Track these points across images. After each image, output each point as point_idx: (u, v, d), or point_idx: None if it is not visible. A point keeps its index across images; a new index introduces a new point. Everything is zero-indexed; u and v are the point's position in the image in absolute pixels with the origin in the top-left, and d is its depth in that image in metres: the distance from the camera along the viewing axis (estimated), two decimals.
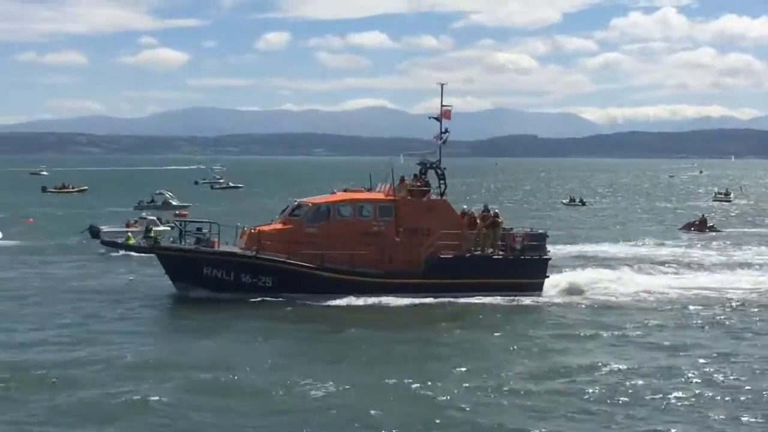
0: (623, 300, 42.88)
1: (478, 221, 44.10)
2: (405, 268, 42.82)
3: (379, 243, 42.86)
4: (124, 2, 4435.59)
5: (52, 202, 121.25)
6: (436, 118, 46.28)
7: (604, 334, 35.14)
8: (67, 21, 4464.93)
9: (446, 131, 46.18)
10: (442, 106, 46.14)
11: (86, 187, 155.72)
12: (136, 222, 69.06)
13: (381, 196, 44.60)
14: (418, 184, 44.91)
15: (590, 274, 47.87)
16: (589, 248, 65.24)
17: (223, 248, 43.42)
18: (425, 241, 42.90)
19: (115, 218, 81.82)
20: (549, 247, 46.32)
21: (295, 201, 45.82)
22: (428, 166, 45.55)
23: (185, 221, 46.71)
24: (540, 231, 46.09)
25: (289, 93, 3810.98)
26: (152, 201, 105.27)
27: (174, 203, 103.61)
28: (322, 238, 42.26)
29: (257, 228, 43.94)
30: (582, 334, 35.24)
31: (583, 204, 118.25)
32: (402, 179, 44.83)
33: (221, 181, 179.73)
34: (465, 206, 46.56)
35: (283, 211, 45.46)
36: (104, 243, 57.96)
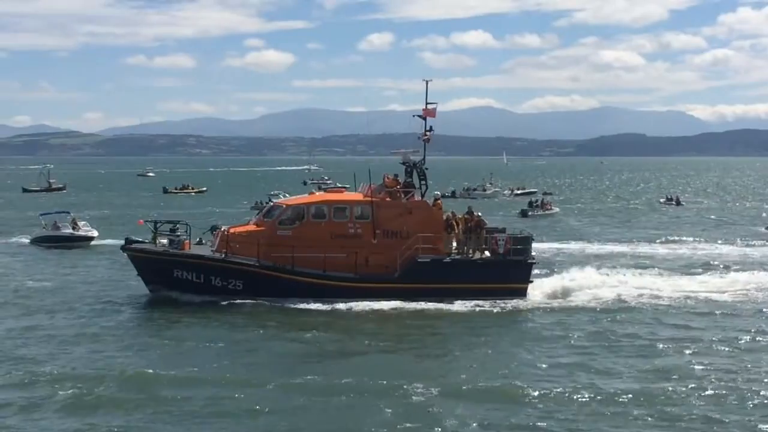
0: (606, 305, 40.40)
1: (454, 223, 42.15)
2: (380, 272, 40.84)
3: (354, 246, 40.87)
4: (231, 5, 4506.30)
5: (172, 203, 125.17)
6: (421, 116, 44.56)
7: (573, 340, 33.56)
8: (175, 25, 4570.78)
9: (430, 129, 44.39)
10: (426, 103, 44.34)
11: (205, 188, 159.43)
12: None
13: (358, 197, 42.92)
14: (398, 184, 42.98)
15: (580, 277, 45.13)
16: (625, 248, 63.58)
17: (194, 250, 42.15)
18: (404, 244, 41.09)
19: (235, 219, 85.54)
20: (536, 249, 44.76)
21: (272, 202, 42.12)
22: (410, 165, 43.61)
23: (158, 221, 45.40)
24: (525, 233, 43.29)
25: (394, 93, 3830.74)
26: (269, 201, 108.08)
27: None
28: (294, 241, 40.58)
29: (229, 229, 42.50)
30: (551, 340, 33.73)
31: (679, 204, 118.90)
32: (385, 178, 43.25)
33: (329, 181, 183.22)
34: (452, 211, 44.19)
35: (260, 211, 44.05)
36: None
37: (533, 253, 42.62)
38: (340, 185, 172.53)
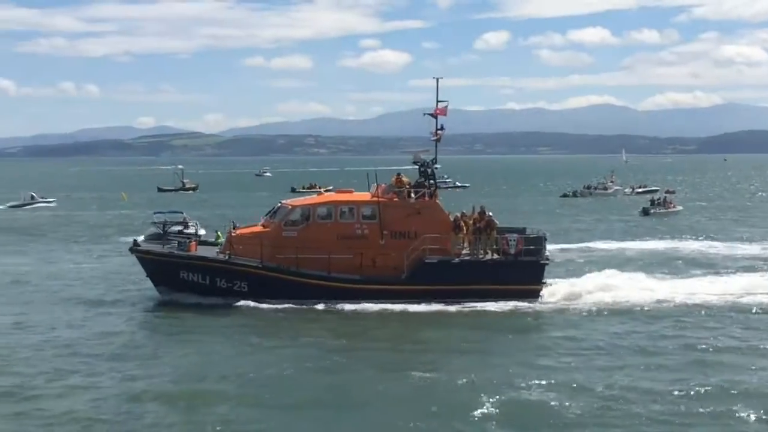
0: (620, 306, 39.29)
1: (462, 224, 41.17)
2: (387, 273, 40.16)
3: (361, 247, 40.34)
4: (347, 6, 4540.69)
5: None
6: (432, 115, 43.74)
7: (583, 345, 32.31)
8: (293, 26, 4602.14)
9: (441, 128, 43.52)
10: (437, 101, 43.44)
11: (331, 187, 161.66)
12: None
13: (365, 197, 42.10)
14: (407, 184, 42.25)
15: (601, 279, 43.61)
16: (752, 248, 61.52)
17: (200, 252, 42.06)
18: (412, 244, 40.37)
19: None
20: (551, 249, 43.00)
21: (279, 203, 43.66)
22: (421, 164, 43.01)
23: (167, 222, 43.25)
24: (538, 233, 42.04)
25: (511, 92, 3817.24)
26: None
27: None
28: (300, 242, 40.09)
29: (235, 231, 42.26)
30: (564, 344, 32.64)
31: None
32: (397, 177, 42.48)
33: (447, 180, 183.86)
34: (462, 211, 42.81)
35: (268, 212, 43.68)
36: None
37: (547, 254, 41.33)
38: (459, 184, 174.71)
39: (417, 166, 43.03)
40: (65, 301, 41.62)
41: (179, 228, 62.49)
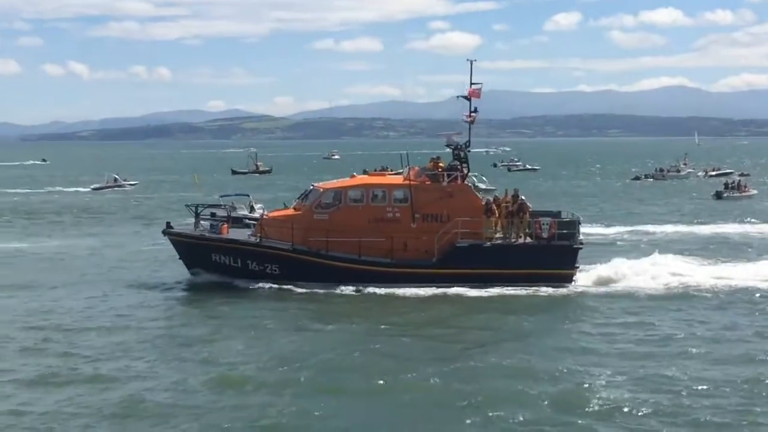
0: (655, 292, 38.90)
1: (494, 207, 41.04)
2: (418, 257, 40.29)
3: (392, 230, 40.31)
4: None
5: None
6: (466, 97, 43.18)
7: (625, 330, 32.20)
8: (362, 9, 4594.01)
9: (475, 110, 43.16)
10: (471, 83, 42.80)
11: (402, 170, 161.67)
12: None
13: (397, 180, 42.16)
14: (440, 167, 42.13)
15: (636, 264, 43.04)
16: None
17: (232, 234, 42.34)
18: (443, 228, 40.28)
19: None
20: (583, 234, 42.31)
21: (312, 185, 43.57)
22: (454, 147, 42.89)
23: (199, 205, 44.84)
24: (572, 217, 41.88)
25: (582, 74, 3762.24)
26: (472, 184, 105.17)
27: (482, 186, 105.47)
28: (331, 225, 40.25)
29: (267, 214, 43.09)
30: (599, 329, 32.53)
31: None
32: (434, 161, 42.67)
33: (518, 163, 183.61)
34: (495, 195, 41.81)
35: (300, 195, 43.88)
36: None
37: (581, 238, 41.14)
38: (530, 166, 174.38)
39: (450, 149, 42.98)
40: (117, 282, 42.97)
41: (245, 212, 63.07)
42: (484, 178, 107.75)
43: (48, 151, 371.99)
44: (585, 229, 53.76)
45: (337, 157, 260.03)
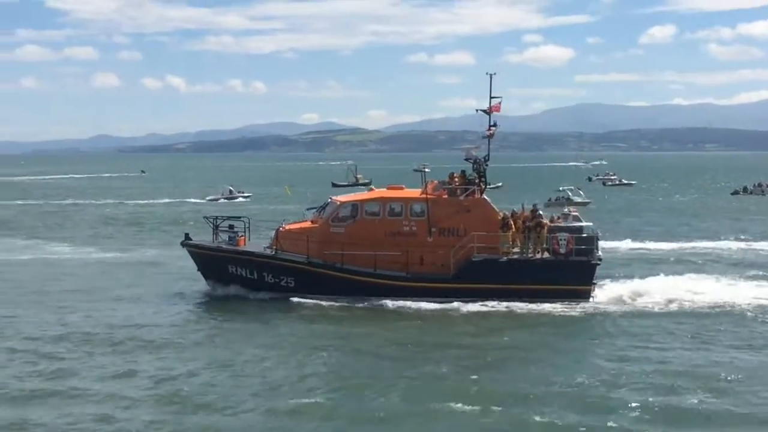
0: (685, 308, 38.97)
1: (511, 222, 41.24)
2: (435, 271, 40.75)
3: (409, 244, 40.76)
4: (511, 2, 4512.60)
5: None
6: (485, 111, 43.40)
7: (643, 347, 32.32)
8: (457, 22, 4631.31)
9: (495, 125, 43.39)
10: (491, 98, 43.29)
11: (501, 183, 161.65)
12: (559, 217, 73.12)
13: (414, 194, 42.63)
14: (457, 181, 42.59)
15: (655, 283, 43.14)
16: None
17: (249, 247, 43.35)
18: (460, 242, 40.70)
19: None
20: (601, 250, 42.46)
21: (330, 198, 44.28)
22: (472, 161, 43.38)
23: (218, 217, 45.54)
24: (589, 233, 41.69)
25: (679, 87, 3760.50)
26: (567, 197, 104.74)
27: (578, 200, 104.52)
28: (348, 238, 40.92)
29: (284, 227, 43.22)
30: (619, 350, 32.29)
31: None
32: (451, 176, 43.02)
33: (613, 177, 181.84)
34: (513, 209, 42.89)
35: (318, 208, 44.43)
36: None
37: (599, 254, 41.18)
38: (626, 181, 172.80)
39: (470, 163, 43.52)
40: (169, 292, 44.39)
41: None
42: (581, 192, 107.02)
43: (145, 162, 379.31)
44: (662, 245, 52.41)
45: (427, 170, 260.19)
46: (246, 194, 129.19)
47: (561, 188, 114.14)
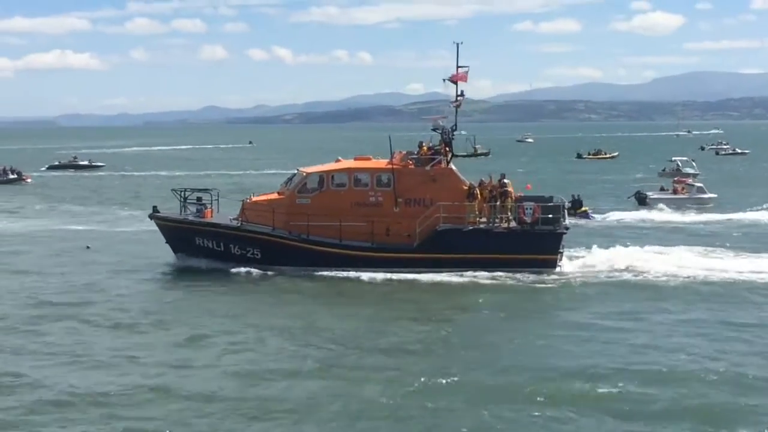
0: (647, 279, 38.99)
1: (477, 192, 41.53)
2: (400, 241, 41.14)
3: (375, 215, 41.12)
4: None
5: (587, 168, 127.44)
6: (451, 81, 43.60)
7: (604, 320, 32.16)
8: None
9: (462, 94, 43.59)
10: (458, 67, 43.48)
11: (617, 153, 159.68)
12: (683, 188, 71.86)
13: (380, 164, 42.92)
14: (425, 151, 42.92)
15: (628, 252, 43.42)
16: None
17: (215, 219, 43.69)
18: (426, 212, 41.17)
19: (644, 184, 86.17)
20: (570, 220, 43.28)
21: (296, 170, 44.70)
22: (439, 131, 43.44)
23: (186, 189, 45.42)
24: (555, 202, 42.18)
25: None
26: (676, 168, 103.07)
27: (690, 171, 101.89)
28: (314, 209, 41.25)
29: (250, 198, 43.82)
30: (580, 317, 32.66)
31: None
32: (420, 145, 43.46)
33: (726, 146, 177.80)
34: (482, 179, 43.04)
35: (286, 180, 44.80)
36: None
37: (566, 223, 41.73)
38: (739, 150, 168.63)
39: (438, 133, 43.68)
40: None
41: None
42: (693, 163, 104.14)
43: (252, 134, 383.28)
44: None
45: (530, 140, 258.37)
46: None
47: (672, 159, 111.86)
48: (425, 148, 43.27)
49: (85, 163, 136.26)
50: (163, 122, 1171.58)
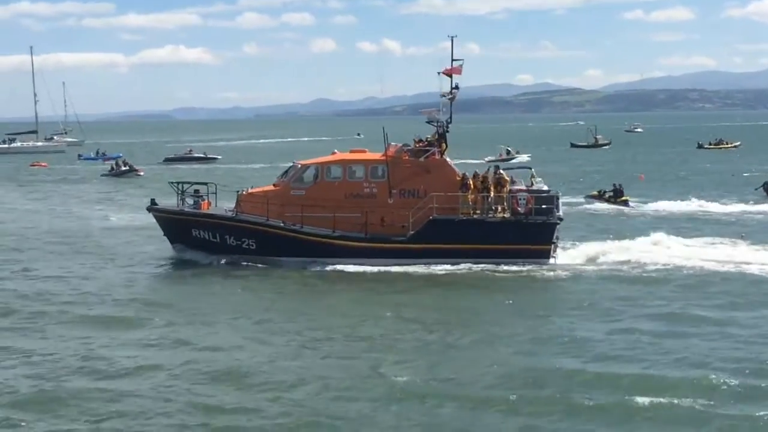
0: (637, 272, 38.73)
1: (470, 183, 41.92)
2: (394, 232, 41.64)
3: (369, 206, 41.71)
4: None
5: (707, 157, 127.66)
6: (446, 74, 43.98)
7: (593, 310, 32.21)
8: None
9: (456, 87, 44.06)
10: (452, 60, 43.85)
11: (739, 143, 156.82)
12: None
13: (374, 156, 43.63)
14: (420, 143, 43.71)
15: (620, 243, 43.81)
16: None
17: (212, 210, 44.28)
18: (419, 203, 41.64)
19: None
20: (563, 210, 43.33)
21: (293, 162, 45.38)
22: (434, 124, 44.17)
23: (183, 182, 46.11)
24: (550, 192, 42.35)
25: None
26: None
27: None
28: (308, 200, 41.89)
29: (247, 190, 44.59)
30: (571, 307, 32.76)
31: None
32: (415, 141, 44.14)
33: None
34: (476, 170, 43.68)
35: (283, 173, 45.24)
36: None
37: (559, 213, 41.93)
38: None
39: (433, 125, 44.30)
40: None
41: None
42: None
43: (361, 125, 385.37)
44: None
45: (639, 130, 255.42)
46: (524, 155, 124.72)
47: None
48: (418, 142, 43.85)
49: (201, 155, 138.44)
50: (274, 115, 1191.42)
